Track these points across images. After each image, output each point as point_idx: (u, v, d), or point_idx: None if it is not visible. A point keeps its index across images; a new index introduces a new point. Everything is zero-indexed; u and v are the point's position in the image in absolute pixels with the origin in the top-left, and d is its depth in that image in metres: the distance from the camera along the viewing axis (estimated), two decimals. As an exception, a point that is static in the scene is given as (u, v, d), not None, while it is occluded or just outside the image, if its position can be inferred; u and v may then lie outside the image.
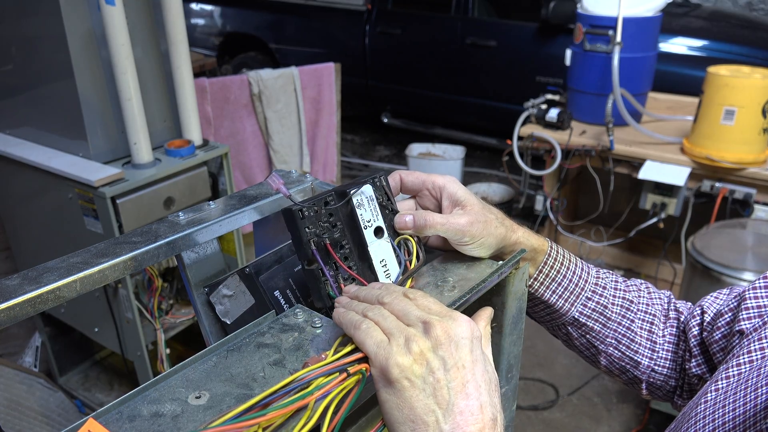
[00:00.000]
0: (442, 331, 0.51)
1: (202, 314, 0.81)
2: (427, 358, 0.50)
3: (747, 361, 0.66)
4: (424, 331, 0.52)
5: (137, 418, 0.49)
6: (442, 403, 0.49)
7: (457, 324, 0.52)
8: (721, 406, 0.60)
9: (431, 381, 0.49)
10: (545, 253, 0.78)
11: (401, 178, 0.73)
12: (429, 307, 0.55)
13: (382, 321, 0.54)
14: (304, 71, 3.07)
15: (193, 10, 6.07)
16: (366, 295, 0.59)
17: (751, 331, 0.71)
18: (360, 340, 0.53)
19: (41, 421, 2.02)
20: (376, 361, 0.51)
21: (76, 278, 0.65)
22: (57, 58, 1.81)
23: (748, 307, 0.73)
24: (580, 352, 0.86)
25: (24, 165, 1.95)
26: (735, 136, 2.66)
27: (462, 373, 0.50)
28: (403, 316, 0.54)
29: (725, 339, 0.76)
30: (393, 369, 0.50)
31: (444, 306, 0.56)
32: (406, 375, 0.49)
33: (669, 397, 0.86)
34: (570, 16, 3.95)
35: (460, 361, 0.51)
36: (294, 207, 0.64)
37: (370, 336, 0.52)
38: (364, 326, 0.53)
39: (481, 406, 0.49)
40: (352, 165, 5.24)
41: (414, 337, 0.51)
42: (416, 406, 0.49)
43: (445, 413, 0.49)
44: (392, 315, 0.54)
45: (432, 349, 0.50)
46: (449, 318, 0.53)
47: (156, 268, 2.02)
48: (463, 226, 0.67)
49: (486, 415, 0.49)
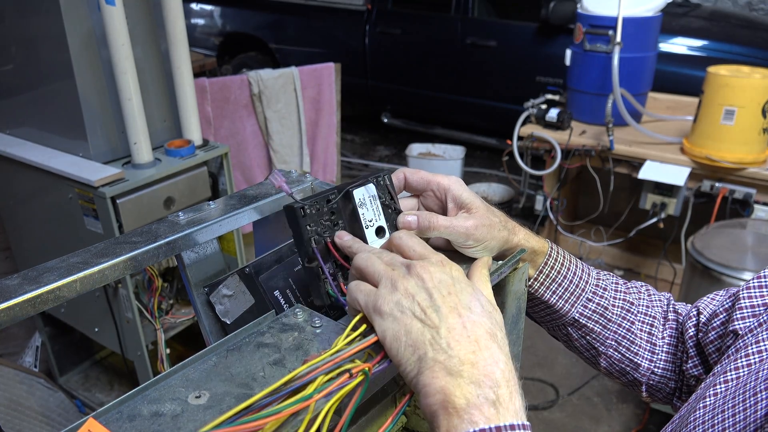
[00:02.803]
0: (423, 270, 0.56)
1: (202, 314, 0.81)
2: (412, 292, 0.54)
3: (745, 365, 0.65)
4: (407, 272, 0.57)
5: (137, 417, 0.49)
6: (434, 323, 0.52)
7: (436, 262, 0.57)
8: (719, 412, 0.60)
9: (418, 310, 0.53)
10: (545, 254, 0.78)
11: (405, 176, 0.73)
12: (413, 247, 0.61)
13: (369, 267, 0.59)
14: (304, 71, 3.07)
15: (193, 10, 6.07)
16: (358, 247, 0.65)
17: (746, 333, 0.70)
18: (353, 298, 0.57)
19: (41, 421, 2.02)
20: (369, 305, 0.55)
21: (76, 278, 0.65)
22: (57, 58, 1.81)
23: (742, 307, 0.73)
24: (580, 353, 0.86)
25: (24, 165, 1.95)
26: (735, 136, 2.66)
27: (448, 299, 0.54)
28: (390, 263, 0.59)
29: (720, 340, 0.76)
30: (383, 305, 0.54)
31: (428, 247, 0.61)
32: (398, 308, 0.54)
33: (668, 399, 0.86)
34: (570, 16, 3.95)
35: (445, 290, 0.54)
36: (296, 204, 0.64)
37: (359, 290, 0.57)
38: (352, 285, 0.58)
39: (473, 322, 0.53)
40: (352, 165, 5.24)
41: (398, 278, 0.56)
42: (411, 330, 0.52)
43: (438, 331, 0.52)
44: (379, 260, 0.59)
45: (416, 284, 0.55)
46: (429, 258, 0.58)
47: (156, 268, 2.02)
48: (468, 229, 0.67)
49: (480, 328, 0.52)
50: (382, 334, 0.54)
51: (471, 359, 0.50)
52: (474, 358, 0.50)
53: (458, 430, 0.47)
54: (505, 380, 0.50)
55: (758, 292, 0.73)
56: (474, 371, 0.49)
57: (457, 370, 0.49)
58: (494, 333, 0.53)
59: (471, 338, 0.51)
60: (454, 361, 0.50)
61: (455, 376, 0.49)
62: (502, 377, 0.50)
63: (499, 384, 0.49)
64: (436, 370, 0.50)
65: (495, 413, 0.48)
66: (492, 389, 0.49)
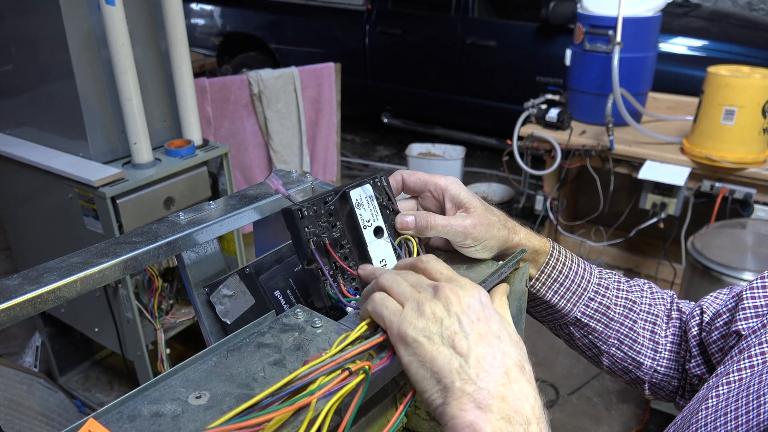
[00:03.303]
0: (451, 292, 0.53)
1: (202, 314, 0.81)
2: (441, 316, 0.52)
3: (748, 366, 0.65)
4: (434, 294, 0.54)
5: (137, 418, 0.49)
6: (463, 351, 0.50)
7: (465, 285, 0.55)
8: (723, 413, 0.60)
9: (448, 334, 0.51)
10: (547, 253, 0.78)
11: (403, 178, 0.73)
12: (440, 271, 0.58)
13: (395, 287, 0.56)
14: (304, 71, 3.07)
15: (193, 10, 6.07)
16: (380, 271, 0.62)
17: (749, 333, 0.70)
18: (376, 312, 0.55)
19: (41, 421, 2.02)
20: (393, 327, 0.53)
21: (76, 278, 0.65)
22: (57, 58, 1.81)
23: (745, 307, 0.73)
24: (583, 352, 0.86)
25: (24, 165, 1.95)
26: (735, 136, 2.66)
27: (478, 325, 0.51)
28: (416, 285, 0.56)
29: (723, 339, 0.76)
30: (409, 330, 0.51)
31: (453, 271, 0.59)
32: (424, 333, 0.51)
33: (671, 397, 0.86)
34: (570, 16, 3.95)
35: (474, 316, 0.52)
36: (293, 207, 0.64)
37: (384, 306, 0.54)
38: (377, 297, 0.55)
39: (503, 353, 0.50)
40: (352, 165, 5.24)
41: (425, 300, 0.53)
42: (437, 358, 0.50)
43: (467, 359, 0.49)
44: (405, 281, 0.56)
45: (444, 308, 0.52)
46: (457, 281, 0.56)
47: (156, 268, 2.02)
48: (466, 228, 0.67)
49: (510, 360, 0.50)
50: (407, 361, 0.51)
51: (501, 392, 0.48)
52: (504, 391, 0.48)
53: None
54: (536, 417, 0.48)
55: (762, 293, 0.73)
56: (504, 406, 0.47)
57: (487, 404, 0.47)
58: (523, 365, 0.51)
59: (501, 370, 0.49)
60: (484, 394, 0.48)
61: (485, 411, 0.47)
62: (532, 414, 0.48)
63: (529, 421, 0.47)
64: (464, 402, 0.47)
65: None
66: (523, 426, 0.47)
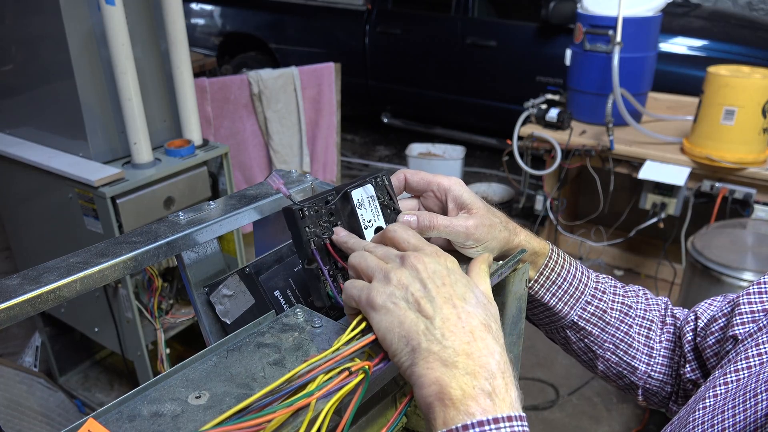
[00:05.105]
0: (417, 260, 0.55)
1: (202, 314, 0.81)
2: (406, 283, 0.54)
3: (745, 367, 0.66)
4: (400, 263, 0.56)
5: (137, 418, 0.49)
6: (428, 314, 0.52)
7: (431, 253, 0.57)
8: (719, 413, 0.60)
9: (412, 299, 0.53)
10: (546, 255, 0.78)
11: (406, 177, 0.73)
12: (407, 240, 0.60)
13: (362, 263, 0.58)
14: (304, 71, 3.07)
15: (193, 10, 6.06)
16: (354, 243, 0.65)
17: (746, 337, 0.71)
18: (348, 295, 0.57)
19: (41, 421, 2.02)
20: (362, 299, 0.55)
21: (76, 278, 0.65)
22: (57, 58, 1.81)
23: (742, 312, 0.74)
24: (578, 356, 0.86)
25: (24, 165, 1.95)
26: (735, 136, 2.66)
27: (443, 289, 0.53)
28: (384, 257, 0.58)
29: (719, 344, 0.76)
30: (377, 298, 0.53)
31: (423, 239, 0.60)
32: (391, 300, 0.53)
33: (664, 403, 0.86)
34: (570, 16, 3.95)
35: (439, 281, 0.54)
36: (294, 206, 0.64)
37: (353, 286, 0.57)
38: (347, 283, 0.58)
39: (468, 313, 0.52)
40: (352, 165, 5.24)
41: (391, 270, 0.55)
42: (404, 321, 0.52)
43: (433, 321, 0.51)
44: (372, 256, 0.59)
45: (410, 275, 0.54)
46: (423, 249, 0.58)
47: (156, 268, 2.02)
48: (468, 229, 0.68)
49: (475, 319, 0.52)
50: (376, 326, 0.53)
51: (466, 350, 0.50)
52: (469, 348, 0.50)
53: (454, 422, 0.47)
54: (501, 371, 0.49)
55: (758, 298, 0.74)
56: (469, 362, 0.49)
57: (452, 361, 0.49)
58: (489, 324, 0.52)
59: (466, 329, 0.51)
60: (449, 352, 0.49)
61: (450, 367, 0.49)
62: (497, 368, 0.49)
63: (494, 375, 0.49)
64: (431, 361, 0.49)
65: (491, 404, 0.47)
66: (488, 380, 0.48)
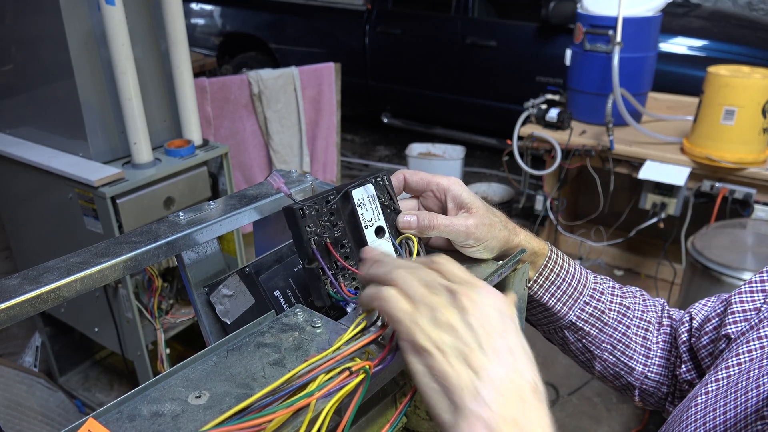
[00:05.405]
0: (468, 299, 0.49)
1: (202, 314, 0.81)
2: (456, 326, 0.48)
3: (736, 363, 0.67)
4: (450, 299, 0.50)
5: (137, 417, 0.49)
6: (476, 367, 0.46)
7: (483, 291, 0.51)
8: (712, 409, 0.61)
9: (462, 347, 0.47)
10: (545, 256, 0.78)
11: (405, 177, 0.73)
12: (454, 272, 0.53)
13: (406, 287, 0.51)
14: (304, 71, 3.07)
15: (193, 10, 6.06)
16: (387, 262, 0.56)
17: (738, 336, 0.72)
18: (386, 311, 0.51)
19: (41, 421, 2.02)
20: (403, 333, 0.49)
21: (76, 278, 0.65)
22: (57, 58, 1.81)
23: (734, 311, 0.75)
24: (575, 356, 0.87)
25: (24, 165, 1.95)
26: (735, 136, 2.66)
27: (493, 338, 0.48)
28: (428, 283, 0.52)
29: (713, 344, 0.77)
30: (421, 339, 0.48)
31: (468, 273, 0.54)
32: (437, 345, 0.48)
33: (661, 404, 0.87)
34: (570, 16, 3.94)
35: (490, 327, 0.48)
36: (295, 206, 0.64)
37: (395, 307, 0.50)
38: (386, 294, 0.51)
39: (518, 372, 0.47)
40: (352, 165, 5.24)
41: (440, 306, 0.49)
42: (449, 372, 0.47)
43: (481, 377, 0.46)
44: (416, 280, 0.52)
45: (460, 317, 0.49)
46: (474, 285, 0.51)
47: (156, 268, 2.02)
48: (468, 228, 0.68)
49: (524, 379, 0.47)
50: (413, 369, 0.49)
51: (514, 417, 0.45)
52: (517, 415, 0.45)
53: None
54: None
55: (749, 297, 0.75)
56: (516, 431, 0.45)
57: (499, 429, 0.45)
58: (536, 385, 0.48)
59: (515, 392, 0.46)
60: (497, 419, 0.45)
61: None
62: None
63: None
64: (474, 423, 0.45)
65: None
66: None
